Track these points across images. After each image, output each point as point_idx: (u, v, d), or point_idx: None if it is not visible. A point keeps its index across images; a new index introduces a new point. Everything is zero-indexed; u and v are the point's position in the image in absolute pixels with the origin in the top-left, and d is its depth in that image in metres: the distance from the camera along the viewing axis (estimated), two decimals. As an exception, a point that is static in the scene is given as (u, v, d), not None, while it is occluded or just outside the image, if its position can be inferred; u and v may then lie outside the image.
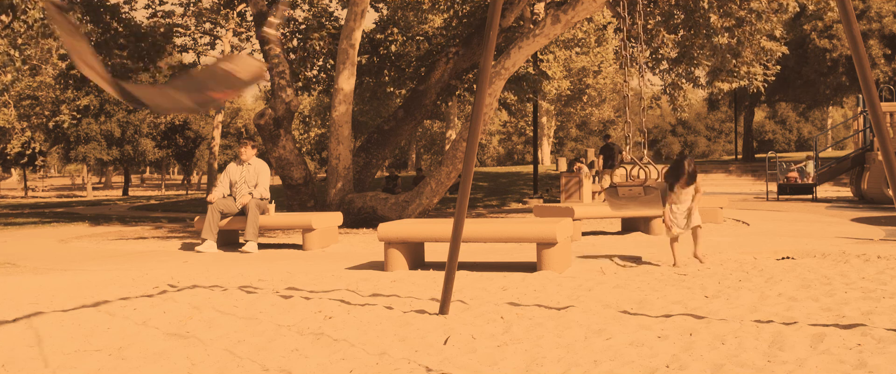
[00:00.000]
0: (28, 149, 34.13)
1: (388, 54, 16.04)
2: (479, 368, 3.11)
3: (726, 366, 3.01)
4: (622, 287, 5.11)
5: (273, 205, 8.87)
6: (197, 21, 22.67)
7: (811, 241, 8.13)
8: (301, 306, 4.58)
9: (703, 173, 29.04)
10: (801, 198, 18.77)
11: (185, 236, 10.62)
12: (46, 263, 7.40)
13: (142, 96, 2.38)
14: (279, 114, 11.83)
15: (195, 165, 53.83)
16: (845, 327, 3.68)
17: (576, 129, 60.97)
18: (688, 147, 69.03)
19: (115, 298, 4.99)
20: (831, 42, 29.68)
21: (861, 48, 3.25)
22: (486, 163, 60.69)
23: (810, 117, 63.63)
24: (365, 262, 6.99)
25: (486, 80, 4.14)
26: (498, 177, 29.82)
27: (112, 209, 22.47)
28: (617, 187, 4.80)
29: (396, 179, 23.25)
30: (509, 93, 19.03)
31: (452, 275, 4.23)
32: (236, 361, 3.29)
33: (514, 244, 8.11)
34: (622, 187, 4.76)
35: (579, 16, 9.86)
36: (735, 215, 12.77)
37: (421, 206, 11.29)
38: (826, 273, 5.61)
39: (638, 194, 4.69)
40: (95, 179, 70.49)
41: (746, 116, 36.47)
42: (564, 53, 28.52)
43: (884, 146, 3.32)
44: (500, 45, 14.15)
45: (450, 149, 11.01)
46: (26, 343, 3.67)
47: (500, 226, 6.22)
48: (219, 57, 2.53)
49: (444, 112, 39.18)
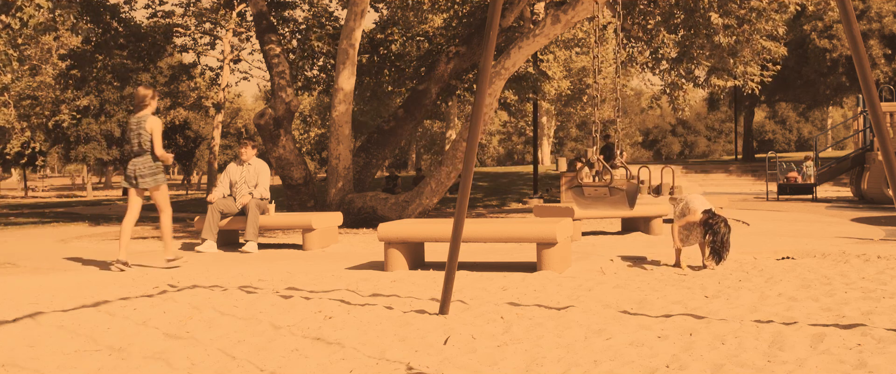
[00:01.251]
0: (28, 149, 34.13)
1: (388, 54, 16.04)
2: (479, 368, 3.11)
3: (726, 366, 3.01)
4: (622, 287, 5.11)
5: (273, 205, 8.87)
6: (197, 21, 22.67)
7: (811, 241, 8.13)
8: (301, 306, 4.58)
9: (703, 174, 29.06)
10: (801, 198, 18.78)
11: (185, 236, 10.62)
12: (46, 263, 7.40)
13: None
14: (279, 114, 11.83)
15: (195, 165, 53.83)
16: (845, 327, 3.68)
17: (576, 129, 60.99)
18: (688, 147, 69.04)
19: (115, 298, 4.99)
20: (831, 42, 29.68)
21: (861, 48, 3.25)
22: (486, 163, 60.70)
23: (810, 117, 63.64)
24: (365, 262, 7.00)
25: (486, 80, 4.14)
26: (498, 177, 29.83)
27: (112, 209, 22.47)
28: (582, 187, 4.79)
29: (396, 179, 23.26)
30: (509, 93, 19.04)
31: (452, 275, 4.23)
32: (236, 361, 3.29)
33: (514, 244, 8.11)
34: (588, 187, 4.75)
35: (579, 16, 9.86)
36: (735, 215, 12.77)
37: (421, 206, 11.29)
38: (826, 273, 5.61)
39: (603, 195, 4.68)
40: (95, 179, 70.48)
41: (746, 116, 36.47)
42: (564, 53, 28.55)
43: (884, 146, 3.32)
44: (500, 45, 14.15)
45: (450, 149, 11.01)
46: (26, 343, 3.67)
47: (500, 226, 6.22)
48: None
49: (444, 112, 39.18)
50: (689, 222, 6.06)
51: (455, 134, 40.54)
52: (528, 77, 16.88)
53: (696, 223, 6.01)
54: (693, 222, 6.01)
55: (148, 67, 17.99)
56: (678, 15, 12.43)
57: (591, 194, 4.71)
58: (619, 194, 4.60)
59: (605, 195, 4.67)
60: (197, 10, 21.13)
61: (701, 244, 6.11)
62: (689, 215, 6.00)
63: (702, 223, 5.88)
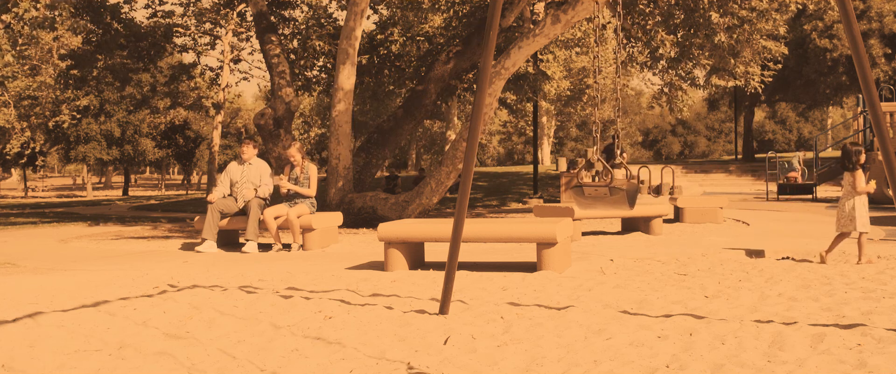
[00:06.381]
0: (27, 149, 34.10)
1: (388, 54, 16.04)
2: (479, 368, 3.11)
3: (726, 366, 3.01)
4: (622, 287, 5.11)
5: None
6: (197, 21, 22.66)
7: (811, 241, 8.13)
8: (301, 306, 4.58)
9: (703, 174, 29.05)
10: (801, 198, 18.77)
11: (185, 236, 10.62)
12: (46, 263, 7.40)
13: None
14: (279, 114, 11.83)
15: (195, 165, 53.81)
16: (845, 327, 3.68)
17: (576, 129, 60.99)
18: (688, 147, 69.02)
19: (115, 298, 4.99)
20: (831, 42, 29.67)
21: (861, 48, 3.25)
22: (486, 163, 60.66)
23: (810, 117, 63.59)
24: (365, 262, 6.99)
25: (486, 80, 4.14)
26: (498, 177, 29.81)
27: (112, 209, 22.48)
28: (582, 186, 4.80)
29: (396, 179, 23.26)
30: (509, 93, 19.03)
31: (452, 275, 4.23)
32: (236, 361, 3.29)
33: (514, 244, 8.11)
34: (588, 187, 4.76)
35: (579, 16, 9.86)
36: (735, 215, 12.77)
37: (421, 206, 11.29)
38: (826, 273, 5.61)
39: (603, 195, 4.68)
40: (95, 179, 70.47)
41: (746, 116, 36.46)
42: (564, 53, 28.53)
43: (884, 146, 3.32)
44: (500, 45, 14.14)
45: (450, 149, 11.01)
46: (26, 343, 3.67)
47: (500, 226, 6.22)
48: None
49: (444, 112, 39.17)
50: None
51: (455, 134, 40.54)
52: (528, 77, 16.87)
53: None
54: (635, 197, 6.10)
55: (148, 67, 17.98)
56: (678, 15, 12.43)
57: (592, 194, 4.71)
58: (620, 193, 4.60)
59: (605, 195, 4.67)
60: (197, 10, 21.11)
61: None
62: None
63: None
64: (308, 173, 8.61)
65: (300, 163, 8.65)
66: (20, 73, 20.00)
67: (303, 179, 8.59)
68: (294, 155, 8.64)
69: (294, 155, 8.64)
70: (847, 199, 6.46)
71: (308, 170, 8.63)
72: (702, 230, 10.08)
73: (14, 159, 41.40)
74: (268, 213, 8.43)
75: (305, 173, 8.61)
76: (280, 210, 8.47)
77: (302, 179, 8.59)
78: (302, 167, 8.64)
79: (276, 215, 8.43)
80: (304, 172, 8.62)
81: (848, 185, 6.49)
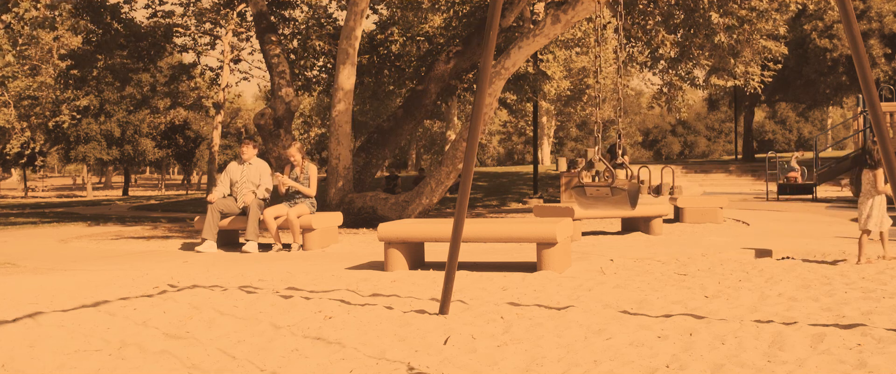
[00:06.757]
0: (27, 149, 34.11)
1: (388, 54, 16.03)
2: (479, 368, 3.11)
3: (726, 366, 3.01)
4: (622, 287, 5.11)
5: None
6: (197, 21, 22.66)
7: (811, 241, 8.13)
8: (301, 306, 4.58)
9: (703, 174, 29.04)
10: (801, 198, 18.77)
11: (185, 236, 10.62)
12: (46, 263, 7.40)
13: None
14: (279, 114, 11.83)
15: (195, 166, 53.82)
16: (845, 327, 3.68)
17: (576, 129, 60.98)
18: (688, 147, 69.02)
19: (115, 298, 4.99)
20: (831, 42, 29.67)
21: (861, 48, 3.25)
22: (486, 163, 60.66)
23: (810, 117, 63.59)
24: (365, 262, 6.99)
25: (486, 80, 4.14)
26: (498, 177, 29.82)
27: (112, 209, 22.48)
28: (584, 187, 4.80)
29: (396, 179, 23.26)
30: (509, 93, 19.03)
31: (452, 275, 4.23)
32: (236, 361, 3.29)
33: (514, 244, 8.11)
34: (589, 187, 4.76)
35: (579, 16, 9.85)
36: (735, 215, 12.77)
37: (421, 206, 11.28)
38: (826, 273, 5.61)
39: (605, 195, 4.69)
40: (95, 179, 70.48)
41: (746, 116, 36.46)
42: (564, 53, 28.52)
43: (884, 146, 3.32)
44: (500, 45, 14.14)
45: (450, 149, 11.01)
46: (26, 343, 3.67)
47: (500, 226, 6.22)
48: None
49: (444, 112, 39.17)
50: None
51: (455, 134, 40.53)
52: (528, 77, 16.86)
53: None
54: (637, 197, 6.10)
55: (148, 67, 17.97)
56: (678, 15, 12.43)
57: (594, 194, 4.71)
58: (621, 193, 4.61)
59: (607, 195, 4.67)
60: (197, 10, 21.12)
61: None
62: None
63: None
64: (308, 173, 8.61)
65: (300, 163, 8.64)
66: (20, 73, 20.00)
67: (303, 179, 8.58)
68: (294, 155, 8.64)
69: (294, 155, 8.64)
70: (867, 197, 6.45)
71: (308, 170, 8.62)
72: (702, 230, 10.08)
73: (14, 159, 41.42)
74: (268, 213, 8.42)
75: (305, 173, 8.60)
76: (280, 210, 8.47)
77: (302, 179, 8.59)
78: (302, 167, 8.63)
79: (276, 215, 8.43)
80: (304, 172, 8.61)
81: (868, 183, 6.47)
